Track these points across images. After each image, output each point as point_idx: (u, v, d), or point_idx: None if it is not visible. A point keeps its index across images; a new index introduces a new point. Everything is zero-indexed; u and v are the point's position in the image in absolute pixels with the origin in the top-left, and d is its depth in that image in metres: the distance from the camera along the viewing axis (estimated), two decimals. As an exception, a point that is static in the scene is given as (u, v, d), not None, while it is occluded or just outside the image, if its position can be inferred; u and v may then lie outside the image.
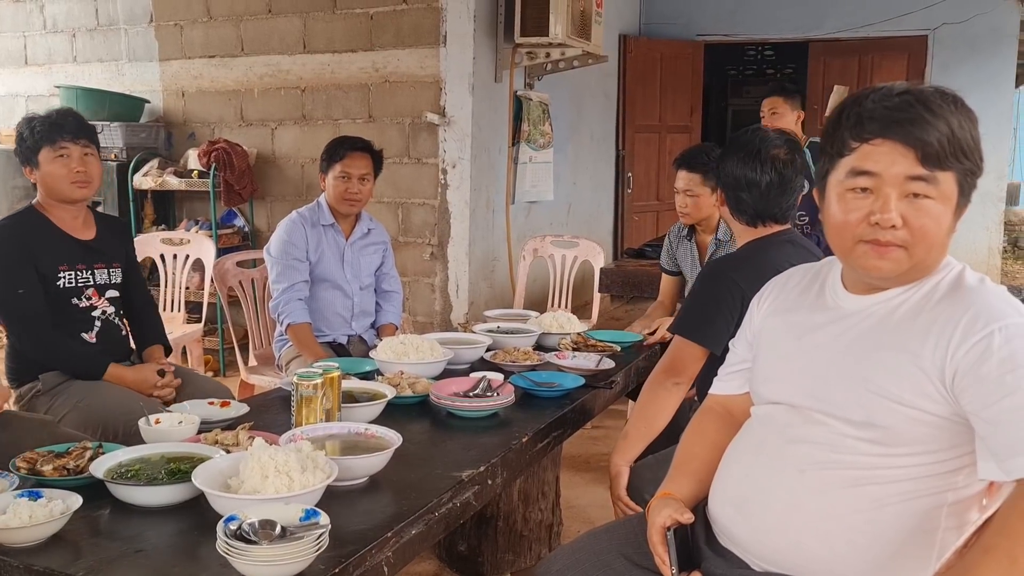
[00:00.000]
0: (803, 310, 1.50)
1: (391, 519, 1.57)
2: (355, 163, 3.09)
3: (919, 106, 1.27)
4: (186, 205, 5.67)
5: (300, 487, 1.48)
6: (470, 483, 1.81)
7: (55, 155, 2.54)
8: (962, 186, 1.29)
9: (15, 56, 6.16)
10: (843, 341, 1.39)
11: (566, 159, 6.00)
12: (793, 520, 1.35)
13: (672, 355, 2.22)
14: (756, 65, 10.71)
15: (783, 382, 1.46)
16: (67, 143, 2.55)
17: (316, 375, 1.89)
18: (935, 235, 1.29)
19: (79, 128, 2.61)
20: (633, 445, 2.18)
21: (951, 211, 1.30)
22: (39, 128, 2.55)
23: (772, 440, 1.43)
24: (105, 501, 1.59)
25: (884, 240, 1.29)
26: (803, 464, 1.36)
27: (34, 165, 2.57)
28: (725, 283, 2.21)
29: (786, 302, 1.55)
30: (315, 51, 5.17)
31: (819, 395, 1.38)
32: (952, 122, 1.26)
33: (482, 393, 2.30)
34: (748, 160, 2.26)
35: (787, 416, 1.42)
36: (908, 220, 1.28)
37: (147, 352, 2.77)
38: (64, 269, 2.58)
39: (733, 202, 2.32)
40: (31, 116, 2.62)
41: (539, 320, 3.17)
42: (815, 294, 1.50)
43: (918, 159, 1.26)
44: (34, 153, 2.55)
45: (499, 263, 5.25)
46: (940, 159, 1.26)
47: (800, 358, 1.44)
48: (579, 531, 3.10)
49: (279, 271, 3.07)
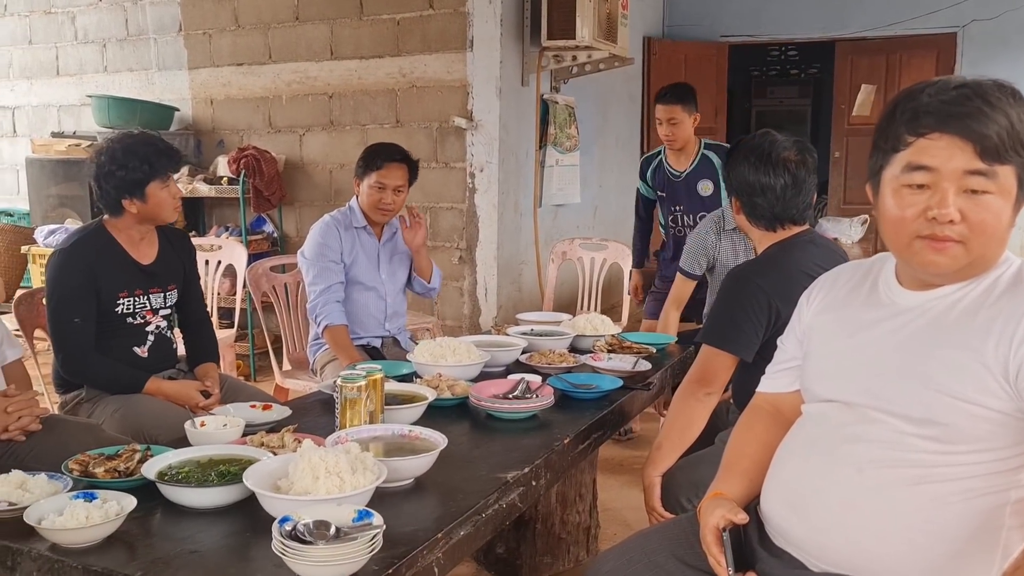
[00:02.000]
0: (855, 307, 1.48)
1: (440, 520, 1.58)
2: (391, 174, 3.09)
3: (977, 99, 1.25)
4: (216, 212, 5.72)
5: (351, 488, 1.48)
6: (515, 484, 1.80)
7: (163, 185, 2.57)
8: (1021, 179, 1.27)
9: (47, 67, 6.25)
10: (899, 338, 1.37)
11: (592, 162, 6.00)
12: (851, 520, 1.33)
13: (702, 365, 2.21)
14: (780, 66, 10.65)
15: (836, 379, 1.45)
16: (172, 172, 2.60)
17: (360, 377, 1.90)
18: (994, 230, 1.27)
19: (179, 157, 2.68)
20: (666, 456, 2.18)
21: (1011, 205, 1.28)
22: (155, 161, 2.54)
23: (827, 438, 1.42)
24: (156, 503, 1.60)
25: (941, 235, 1.27)
26: (860, 463, 1.34)
27: (139, 197, 2.55)
28: (750, 289, 2.19)
29: (836, 299, 1.54)
30: (342, 57, 5.21)
31: (876, 392, 1.36)
32: (1011, 115, 1.24)
33: (521, 395, 2.30)
34: (760, 165, 2.25)
35: (842, 414, 1.41)
36: (966, 215, 1.26)
37: (199, 369, 2.77)
38: (123, 296, 2.59)
39: (749, 208, 2.30)
40: (124, 145, 2.56)
41: (572, 322, 3.16)
42: (867, 291, 1.49)
43: (976, 153, 1.24)
44: (142, 186, 2.53)
45: (527, 266, 5.25)
46: (999, 153, 1.24)
47: (854, 355, 1.43)
48: (616, 534, 3.09)
49: (316, 273, 3.08)
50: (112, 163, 2.53)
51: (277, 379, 3.52)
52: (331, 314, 3.02)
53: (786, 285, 2.07)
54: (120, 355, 2.60)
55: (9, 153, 6.50)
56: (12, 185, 6.50)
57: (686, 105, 3.87)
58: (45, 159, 5.73)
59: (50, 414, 2.28)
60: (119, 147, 2.55)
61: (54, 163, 5.70)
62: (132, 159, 2.52)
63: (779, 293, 2.12)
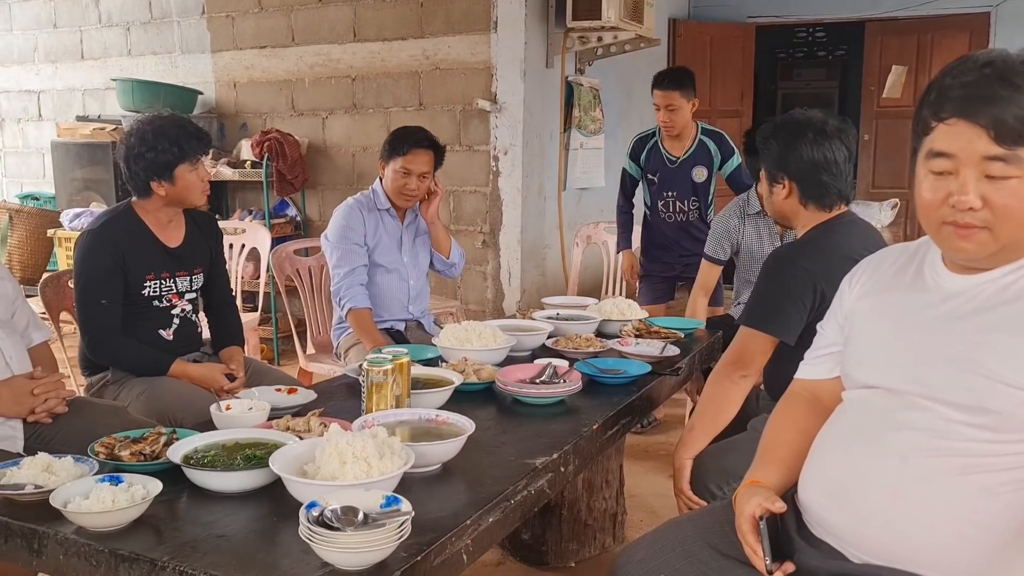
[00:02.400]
0: (900, 291, 1.43)
1: (468, 506, 1.55)
2: (417, 160, 3.04)
3: (996, 82, 1.20)
4: (239, 195, 5.72)
5: (379, 473, 1.46)
6: (544, 470, 1.77)
7: (192, 168, 2.54)
8: None
9: (72, 51, 6.26)
10: (947, 323, 1.33)
11: (616, 145, 5.92)
12: (896, 510, 1.29)
13: (739, 347, 2.16)
14: (807, 47, 10.47)
15: (880, 365, 1.40)
16: (201, 155, 2.57)
17: (387, 361, 1.87)
18: (1022, 213, 1.23)
19: (208, 140, 2.63)
20: (698, 439, 2.15)
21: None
22: (185, 143, 2.51)
23: (870, 426, 1.37)
24: (182, 486, 1.58)
25: (963, 222, 1.25)
26: (906, 451, 1.30)
27: (168, 179, 2.52)
28: (793, 270, 2.14)
29: (880, 283, 1.49)
30: (365, 39, 5.17)
31: (922, 379, 1.32)
32: None
33: (548, 380, 2.27)
34: (820, 140, 2.18)
35: (885, 401, 1.36)
36: (989, 200, 1.22)
37: (224, 353, 2.75)
38: (150, 279, 2.58)
39: (812, 188, 2.21)
40: (155, 126, 2.53)
41: (599, 307, 3.13)
42: (912, 274, 1.44)
43: (992, 138, 1.20)
44: (172, 167, 2.51)
45: (551, 250, 5.21)
46: (1019, 136, 1.19)
47: (899, 340, 1.38)
48: (642, 520, 3.06)
49: (339, 256, 3.06)
50: (142, 144, 2.51)
51: (301, 363, 3.51)
52: (355, 297, 3.00)
53: (831, 267, 2.01)
54: (145, 338, 2.59)
55: (35, 137, 6.53)
56: (38, 169, 6.54)
57: (684, 91, 3.81)
58: (70, 143, 5.75)
59: (76, 396, 2.28)
60: (149, 128, 2.53)
61: (79, 146, 5.72)
62: (162, 141, 2.50)
63: (824, 276, 2.06)
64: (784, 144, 2.22)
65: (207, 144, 2.58)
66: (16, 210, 5.60)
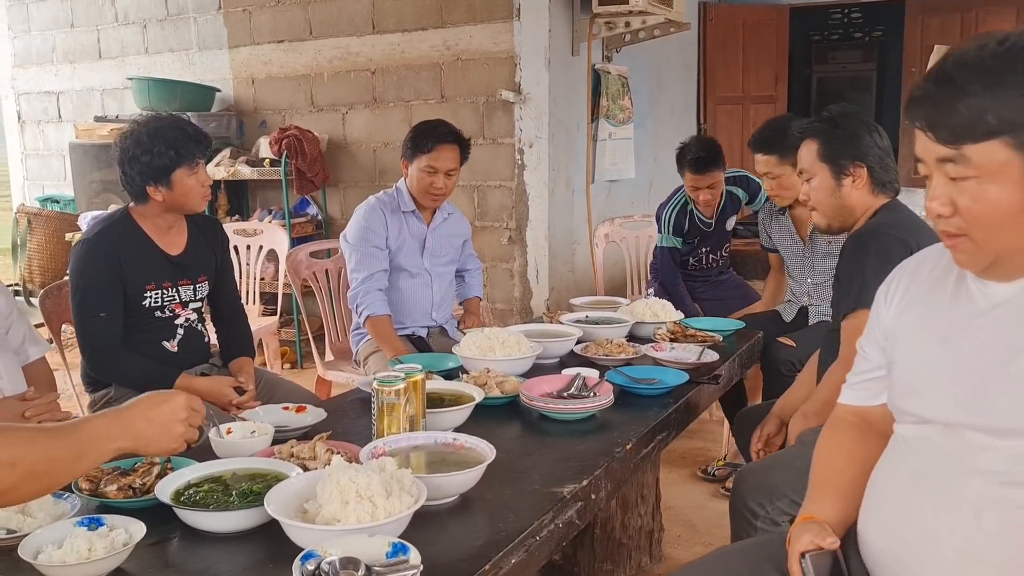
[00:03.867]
0: (943, 303, 1.24)
1: (487, 546, 1.38)
2: (443, 156, 2.88)
3: (934, 81, 1.13)
4: (259, 194, 5.59)
5: (385, 515, 1.29)
6: (572, 500, 1.61)
7: (190, 172, 2.38)
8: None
9: (89, 50, 6.17)
10: (1002, 340, 1.14)
11: (647, 134, 5.72)
12: (972, 573, 1.10)
13: (850, 340, 2.01)
14: (842, 29, 10.12)
15: (930, 395, 1.21)
16: (200, 159, 2.40)
17: (398, 380, 1.71)
18: (991, 216, 1.10)
19: (208, 142, 2.46)
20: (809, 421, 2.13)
21: (1012, 183, 1.08)
22: (182, 146, 2.35)
23: (932, 472, 1.18)
24: (172, 525, 1.43)
25: (941, 230, 1.18)
26: (979, 503, 1.11)
27: (165, 184, 2.36)
28: (888, 240, 2.03)
29: (919, 294, 1.30)
30: (384, 31, 5.01)
31: (983, 410, 1.13)
32: (998, 84, 1.06)
33: (577, 393, 2.10)
34: (875, 129, 2.18)
35: (944, 439, 1.17)
36: (956, 205, 1.14)
37: (233, 364, 2.60)
38: (151, 288, 2.43)
39: (882, 172, 2.17)
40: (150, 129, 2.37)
41: (630, 308, 2.95)
42: (953, 284, 1.24)
43: (936, 139, 1.13)
44: (169, 172, 2.35)
45: (580, 246, 5.02)
46: (962, 135, 1.10)
47: (949, 364, 1.19)
48: (680, 536, 2.87)
49: (357, 259, 2.90)
50: (137, 147, 2.35)
51: (319, 371, 3.37)
52: (372, 304, 2.84)
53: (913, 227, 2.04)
54: (148, 350, 2.45)
55: (55, 139, 6.46)
56: (59, 171, 6.46)
57: (719, 167, 3.62)
58: (88, 144, 5.66)
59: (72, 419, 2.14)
60: (144, 130, 2.38)
61: (97, 148, 5.62)
62: (158, 143, 2.34)
63: (917, 241, 1.96)
64: (856, 133, 2.18)
65: (207, 147, 2.42)
66: (35, 214, 5.53)
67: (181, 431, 1.35)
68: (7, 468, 1.12)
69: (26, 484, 1.15)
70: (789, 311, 3.35)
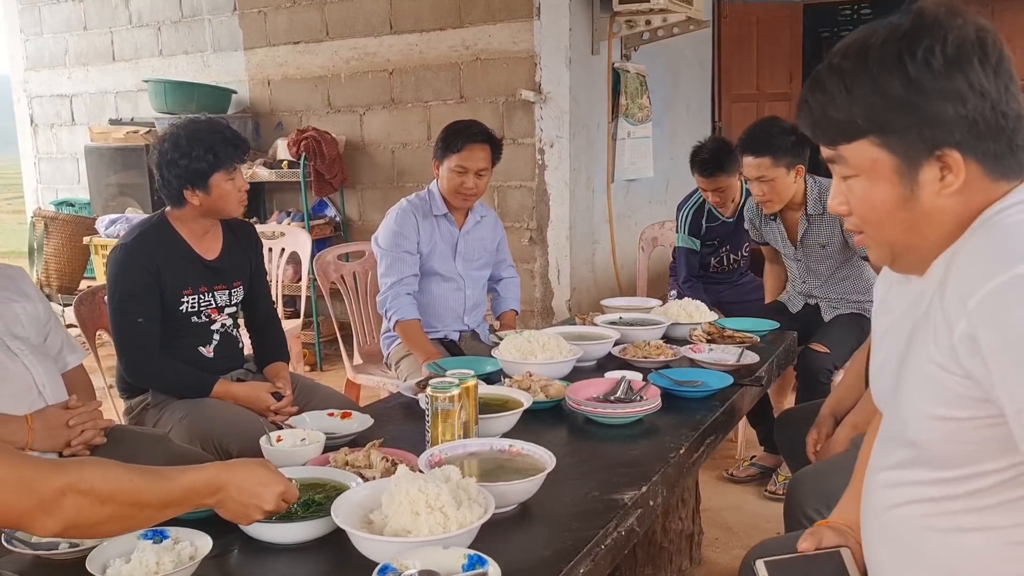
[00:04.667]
0: (905, 300, 1.22)
1: (555, 557, 1.36)
2: (474, 156, 2.86)
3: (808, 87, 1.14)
4: (276, 197, 5.57)
5: (457, 526, 1.27)
6: (633, 507, 1.58)
7: (228, 177, 2.36)
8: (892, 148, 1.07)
9: (103, 53, 6.15)
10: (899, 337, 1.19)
11: (663, 133, 5.69)
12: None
13: None
14: (852, 26, 10.09)
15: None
16: (238, 163, 2.38)
17: (453, 386, 1.68)
18: (873, 212, 1.13)
19: (246, 147, 2.44)
20: (859, 429, 2.10)
21: (884, 180, 1.09)
22: (220, 150, 2.32)
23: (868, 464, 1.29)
24: (231, 537, 1.41)
25: (846, 228, 1.24)
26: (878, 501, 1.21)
27: (202, 188, 2.34)
28: None
29: (888, 290, 1.30)
30: (402, 31, 4.98)
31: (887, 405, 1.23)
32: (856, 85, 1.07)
33: (625, 397, 2.07)
34: None
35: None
36: (849, 203, 1.16)
37: (268, 369, 2.58)
38: (188, 294, 2.41)
39: None
40: (189, 132, 2.35)
41: (664, 309, 2.92)
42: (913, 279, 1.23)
43: (821, 142, 1.16)
44: (207, 176, 2.33)
45: (600, 246, 4.99)
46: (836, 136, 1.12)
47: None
48: (718, 539, 2.85)
49: (388, 264, 2.87)
50: (175, 151, 2.33)
51: (349, 374, 3.34)
52: (401, 308, 2.82)
53: None
54: (185, 356, 2.43)
55: (68, 142, 6.44)
56: (72, 175, 6.44)
57: (731, 171, 3.60)
58: (104, 147, 5.64)
59: (115, 425, 2.12)
60: (183, 134, 2.35)
61: (112, 151, 5.61)
62: (197, 147, 2.31)
63: None
64: None
65: (244, 151, 2.39)
66: (51, 217, 5.51)
67: (258, 517, 1.32)
68: (99, 504, 1.11)
69: (111, 523, 1.15)
70: (795, 303, 3.33)
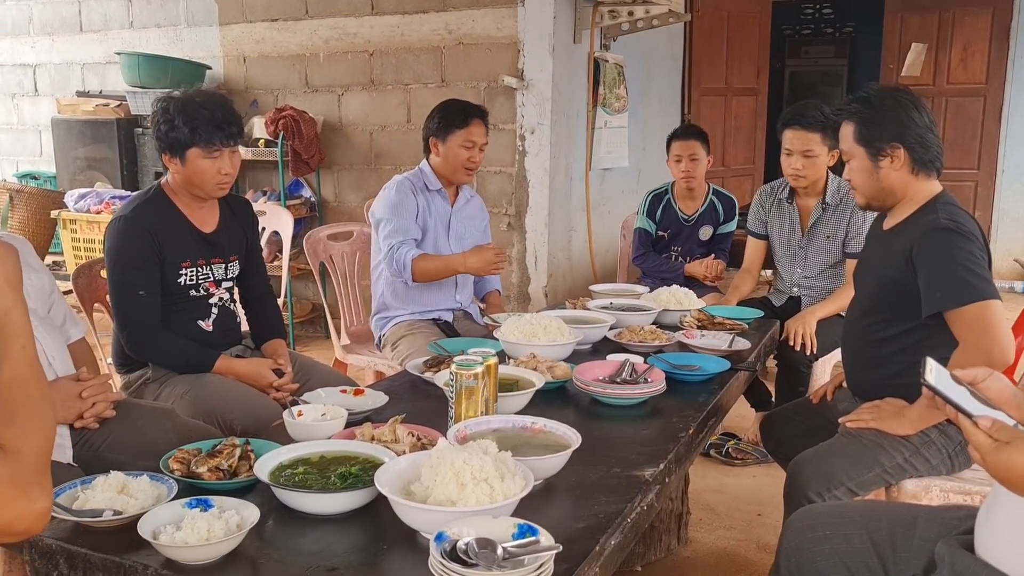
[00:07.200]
0: None
1: (590, 529, 1.41)
2: (478, 130, 2.95)
3: None
4: (250, 175, 5.49)
5: (503, 496, 1.31)
6: (653, 483, 1.64)
7: (206, 155, 2.33)
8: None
9: (70, 22, 5.99)
10: None
11: (637, 124, 5.76)
12: None
13: (985, 332, 1.93)
14: (814, 24, 10.31)
15: None
16: (222, 146, 2.34)
17: (477, 364, 1.72)
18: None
19: (238, 131, 2.41)
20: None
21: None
22: (200, 126, 2.30)
23: None
24: (267, 507, 1.43)
25: None
26: None
27: (179, 158, 2.33)
28: (966, 238, 2.02)
29: None
30: (384, 12, 4.95)
31: None
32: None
33: (630, 378, 2.13)
34: (917, 105, 2.12)
35: None
36: None
37: (267, 347, 2.57)
38: (186, 266, 2.40)
39: (922, 152, 2.11)
40: (181, 101, 2.34)
41: (654, 296, 2.99)
42: None
43: None
44: (183, 148, 2.31)
45: (576, 233, 5.05)
46: None
47: None
48: (702, 519, 2.93)
49: (391, 228, 2.88)
50: (163, 115, 2.33)
51: (337, 354, 3.34)
52: (410, 251, 2.84)
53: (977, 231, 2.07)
54: (184, 330, 2.41)
55: (31, 113, 6.27)
56: (35, 146, 6.28)
57: (704, 143, 3.74)
58: (72, 119, 5.51)
59: (123, 398, 2.11)
60: (175, 103, 2.34)
61: (81, 124, 5.49)
62: (179, 117, 2.30)
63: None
64: (893, 113, 2.12)
65: (229, 136, 2.34)
66: (17, 190, 5.37)
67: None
68: None
69: None
70: (779, 298, 3.44)
